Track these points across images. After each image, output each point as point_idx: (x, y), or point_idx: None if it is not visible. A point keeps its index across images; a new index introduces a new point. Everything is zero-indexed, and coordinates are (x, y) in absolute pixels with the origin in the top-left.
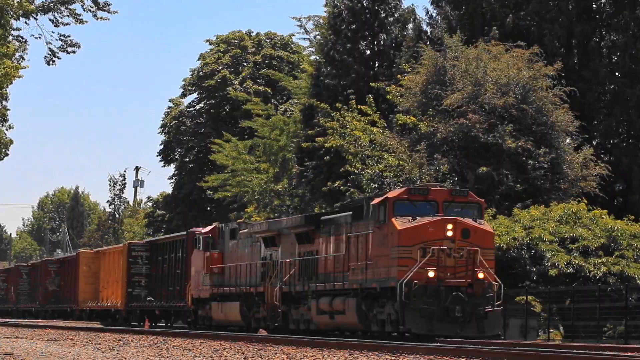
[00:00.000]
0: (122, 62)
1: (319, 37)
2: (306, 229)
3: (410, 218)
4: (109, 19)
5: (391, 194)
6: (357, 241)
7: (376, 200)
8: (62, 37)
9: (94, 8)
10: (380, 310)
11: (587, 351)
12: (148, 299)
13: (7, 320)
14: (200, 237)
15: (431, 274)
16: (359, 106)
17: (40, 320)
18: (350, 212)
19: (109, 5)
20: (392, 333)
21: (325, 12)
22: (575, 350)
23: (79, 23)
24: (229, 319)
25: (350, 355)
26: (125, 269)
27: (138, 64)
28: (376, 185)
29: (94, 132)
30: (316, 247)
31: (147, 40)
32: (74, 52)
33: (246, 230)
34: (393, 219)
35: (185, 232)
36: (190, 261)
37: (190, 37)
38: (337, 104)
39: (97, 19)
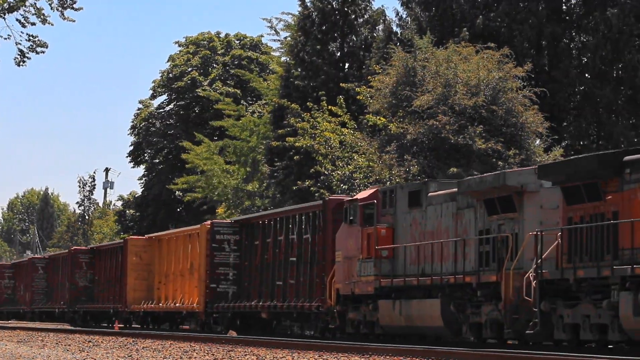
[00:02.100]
0: (92, 63)
1: (289, 38)
2: (591, 179)
3: None
4: (74, 20)
5: None
6: None
7: None
8: (30, 37)
9: (59, 7)
10: None
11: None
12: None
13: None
14: (357, 205)
15: None
16: (329, 107)
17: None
18: None
19: (74, 2)
20: None
21: (298, 12)
22: (546, 352)
23: (45, 23)
24: (416, 325)
25: (320, 356)
26: (206, 258)
27: (107, 66)
28: (346, 187)
29: (63, 133)
30: (612, 205)
31: (116, 41)
32: (42, 52)
33: (445, 191)
34: None
35: (320, 202)
36: (330, 242)
37: (160, 38)
38: (307, 104)
39: (64, 18)
